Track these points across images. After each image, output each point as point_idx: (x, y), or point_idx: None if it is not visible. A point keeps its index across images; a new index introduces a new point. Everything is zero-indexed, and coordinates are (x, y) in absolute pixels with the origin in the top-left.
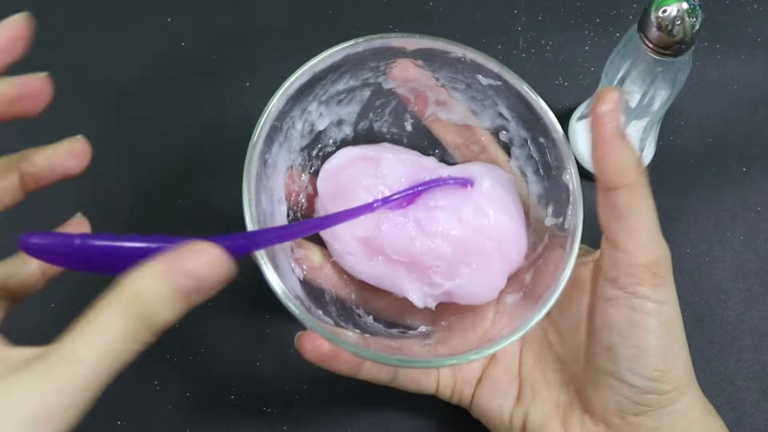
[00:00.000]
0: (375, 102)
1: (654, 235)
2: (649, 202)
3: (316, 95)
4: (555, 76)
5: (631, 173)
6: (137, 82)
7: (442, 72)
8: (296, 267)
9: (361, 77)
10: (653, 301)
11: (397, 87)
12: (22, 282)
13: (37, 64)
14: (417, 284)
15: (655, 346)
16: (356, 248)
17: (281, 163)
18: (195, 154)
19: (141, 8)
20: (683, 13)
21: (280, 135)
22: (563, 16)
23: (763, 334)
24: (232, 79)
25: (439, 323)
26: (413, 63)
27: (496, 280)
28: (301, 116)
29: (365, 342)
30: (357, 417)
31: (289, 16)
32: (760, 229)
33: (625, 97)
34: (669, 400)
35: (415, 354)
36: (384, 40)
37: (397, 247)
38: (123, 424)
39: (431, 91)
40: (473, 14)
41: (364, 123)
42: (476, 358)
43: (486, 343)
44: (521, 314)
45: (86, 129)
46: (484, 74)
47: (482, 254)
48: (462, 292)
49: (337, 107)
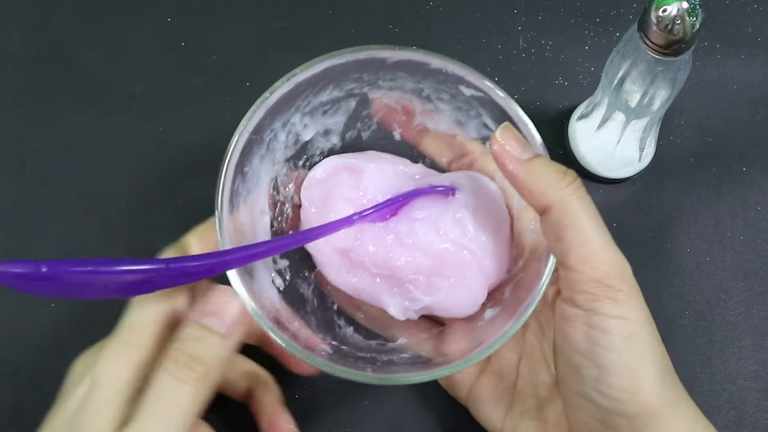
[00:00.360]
0: (362, 112)
1: (599, 248)
2: (585, 215)
3: (298, 107)
4: (555, 76)
5: (552, 191)
6: (137, 82)
7: (425, 83)
8: (277, 278)
9: (344, 88)
10: (613, 317)
11: (383, 96)
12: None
13: (38, 63)
14: (397, 298)
15: (617, 364)
16: (336, 260)
17: (264, 175)
18: (195, 154)
19: (141, 8)
20: (683, 13)
21: (261, 147)
22: (563, 16)
23: (763, 333)
24: (232, 79)
25: (419, 336)
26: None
27: (475, 294)
28: (284, 128)
29: (338, 359)
30: (357, 417)
31: (289, 16)
32: (760, 228)
33: (516, 136)
34: (642, 424)
35: (389, 370)
36: (367, 52)
37: (376, 260)
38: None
39: (418, 101)
40: (473, 14)
41: (352, 132)
42: (443, 374)
43: (457, 359)
44: (497, 329)
45: (86, 129)
46: (466, 85)
47: (460, 267)
48: (441, 306)
49: (323, 117)
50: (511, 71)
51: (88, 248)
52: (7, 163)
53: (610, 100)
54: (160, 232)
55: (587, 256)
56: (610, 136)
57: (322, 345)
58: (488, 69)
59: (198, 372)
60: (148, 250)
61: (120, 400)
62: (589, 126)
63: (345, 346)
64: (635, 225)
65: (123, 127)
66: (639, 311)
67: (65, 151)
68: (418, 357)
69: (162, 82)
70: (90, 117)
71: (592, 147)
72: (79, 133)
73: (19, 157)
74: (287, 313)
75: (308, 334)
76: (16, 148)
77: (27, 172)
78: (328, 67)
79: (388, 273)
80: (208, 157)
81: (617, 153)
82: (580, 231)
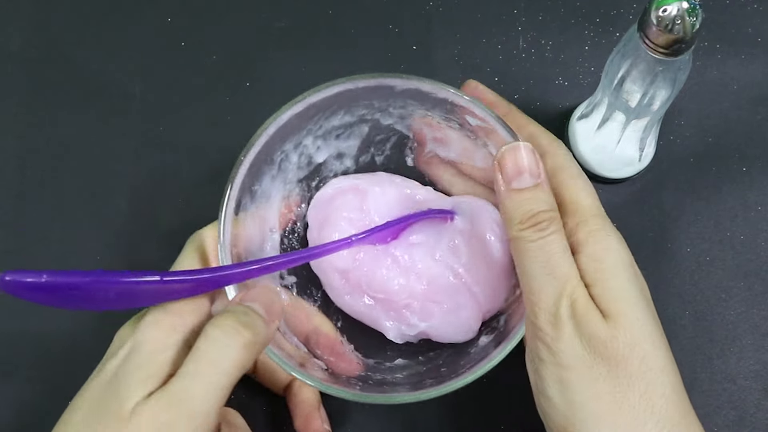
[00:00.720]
0: (375, 137)
1: (538, 285)
2: (528, 258)
3: (309, 130)
4: (555, 76)
5: (509, 229)
6: (137, 83)
7: (435, 111)
8: (282, 292)
9: (356, 113)
10: (550, 354)
11: (395, 123)
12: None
13: (38, 64)
14: (394, 322)
15: (556, 406)
16: (336, 281)
17: (275, 194)
18: (195, 154)
19: (141, 8)
20: (683, 12)
21: (272, 168)
22: (563, 16)
23: (764, 333)
24: (232, 79)
25: (416, 358)
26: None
27: (470, 321)
28: (296, 149)
29: (330, 378)
30: (357, 417)
31: (289, 16)
32: (760, 228)
33: (515, 160)
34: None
35: (379, 389)
36: (377, 80)
37: (372, 282)
38: None
39: (428, 129)
40: (473, 14)
41: (365, 156)
42: (428, 397)
43: (445, 382)
44: (487, 354)
45: (86, 129)
46: (471, 116)
47: (453, 294)
48: (436, 332)
49: (336, 141)
50: (511, 71)
51: (88, 248)
52: (7, 163)
53: (610, 100)
54: (160, 233)
55: (527, 297)
56: (610, 136)
57: (317, 363)
58: (488, 69)
59: (245, 338)
60: (148, 250)
61: (160, 360)
62: (589, 126)
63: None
64: (635, 225)
65: (123, 127)
66: (574, 354)
67: (65, 151)
68: (412, 377)
69: (162, 82)
70: (90, 117)
71: (593, 147)
72: (79, 133)
73: (19, 157)
74: (285, 328)
75: (304, 350)
76: (16, 148)
77: (27, 172)
78: (340, 92)
79: (384, 297)
80: (208, 157)
81: (617, 153)
82: (526, 270)
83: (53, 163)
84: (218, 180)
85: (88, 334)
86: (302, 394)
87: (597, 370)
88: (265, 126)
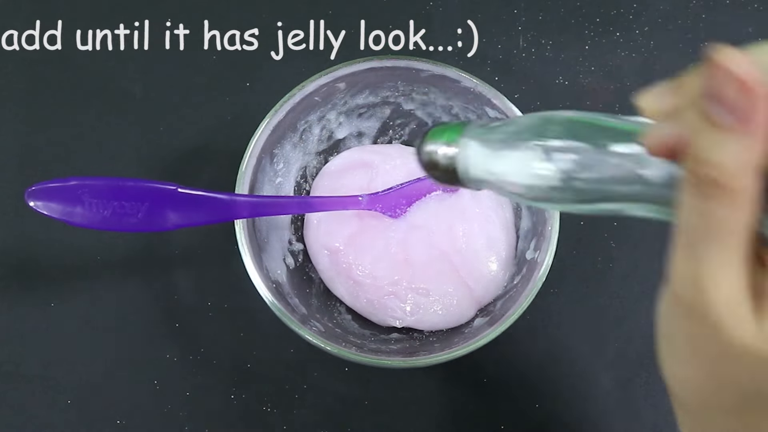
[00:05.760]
0: (396, 120)
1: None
2: None
3: (334, 104)
4: (555, 76)
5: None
6: (137, 83)
7: (455, 101)
8: (289, 257)
9: (380, 94)
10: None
11: (416, 110)
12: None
13: (38, 64)
14: (387, 307)
15: None
16: (326, 264)
17: (294, 161)
18: (195, 154)
19: (141, 8)
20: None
21: (294, 135)
22: (563, 16)
23: None
24: (232, 79)
25: (411, 335)
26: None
27: (462, 309)
28: (319, 122)
29: (328, 337)
30: (356, 417)
31: (289, 16)
32: None
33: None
34: None
35: (373, 355)
36: (404, 62)
37: (362, 265)
38: (123, 423)
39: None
40: (473, 14)
41: (384, 138)
42: (424, 364)
43: (437, 352)
44: (480, 334)
45: (86, 129)
46: (491, 107)
47: (445, 280)
48: (428, 319)
49: (358, 120)
50: (511, 71)
51: (88, 248)
52: (7, 163)
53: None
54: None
55: None
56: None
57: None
58: (488, 69)
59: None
60: (148, 250)
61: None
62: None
63: (339, 329)
64: (635, 225)
65: (123, 127)
66: None
67: (65, 151)
68: (406, 349)
69: (162, 82)
70: (90, 117)
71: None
72: (79, 133)
73: (19, 157)
74: (288, 289)
75: (304, 311)
76: (16, 148)
77: (27, 172)
78: (369, 68)
79: (372, 282)
80: (208, 157)
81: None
82: None
83: (53, 163)
84: (218, 180)
85: (88, 334)
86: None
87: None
88: (293, 93)
